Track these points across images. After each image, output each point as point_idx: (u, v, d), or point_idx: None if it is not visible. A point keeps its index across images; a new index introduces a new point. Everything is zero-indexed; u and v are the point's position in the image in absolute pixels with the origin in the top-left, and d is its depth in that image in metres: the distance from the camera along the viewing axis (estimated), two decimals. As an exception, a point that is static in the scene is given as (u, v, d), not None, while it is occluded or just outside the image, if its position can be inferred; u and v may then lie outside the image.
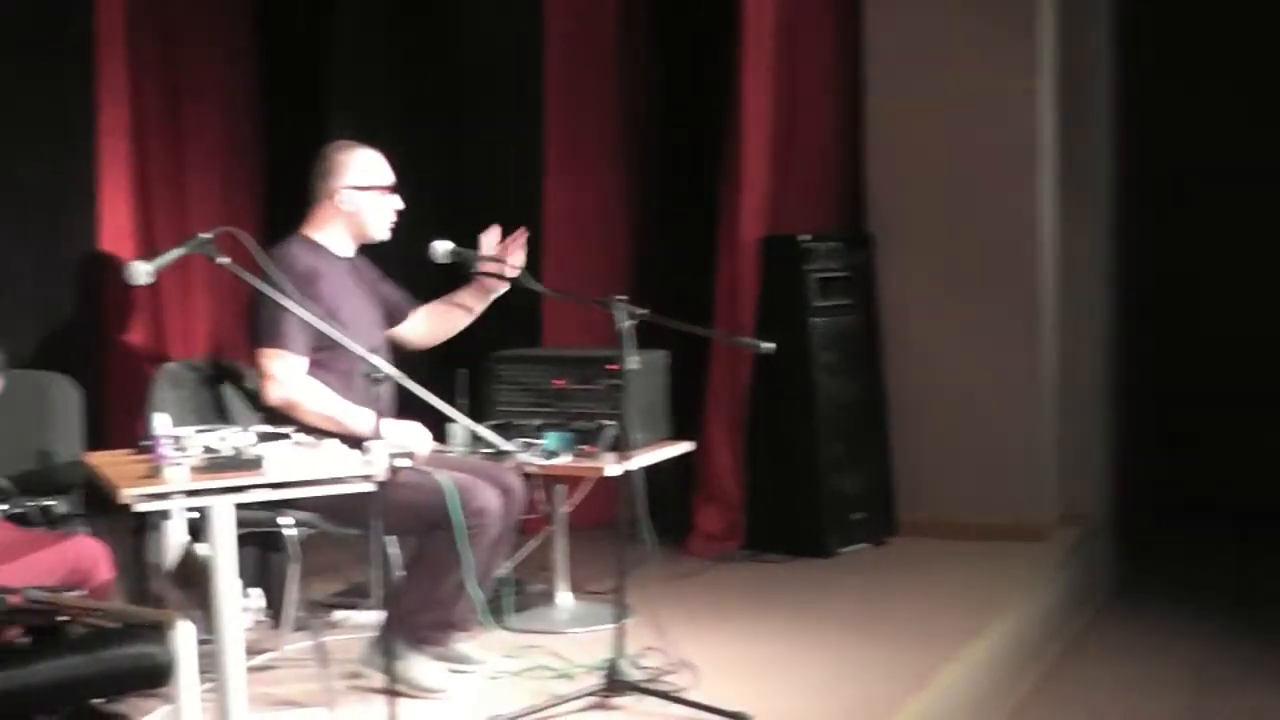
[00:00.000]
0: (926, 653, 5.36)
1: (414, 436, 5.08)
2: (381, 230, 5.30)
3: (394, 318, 5.51)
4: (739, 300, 6.89)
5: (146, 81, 7.97)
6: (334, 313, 5.02)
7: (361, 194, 5.23)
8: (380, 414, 4.24)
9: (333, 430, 4.86)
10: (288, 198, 8.21)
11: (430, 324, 5.56)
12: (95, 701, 3.62)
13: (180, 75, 8.07)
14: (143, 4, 7.88)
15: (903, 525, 7.24)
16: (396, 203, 5.30)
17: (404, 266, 5.64)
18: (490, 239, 5.45)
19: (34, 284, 7.66)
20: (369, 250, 5.42)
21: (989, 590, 6.24)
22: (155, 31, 7.96)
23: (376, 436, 4.17)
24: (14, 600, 3.53)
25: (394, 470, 4.20)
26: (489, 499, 4.92)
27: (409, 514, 4.80)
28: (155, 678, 3.45)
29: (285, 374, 4.99)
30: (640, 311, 4.85)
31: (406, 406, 5.01)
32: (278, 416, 4.98)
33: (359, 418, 4.96)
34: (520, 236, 5.45)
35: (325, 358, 5.05)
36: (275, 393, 5.00)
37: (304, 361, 5.01)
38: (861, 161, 7.31)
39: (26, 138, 7.58)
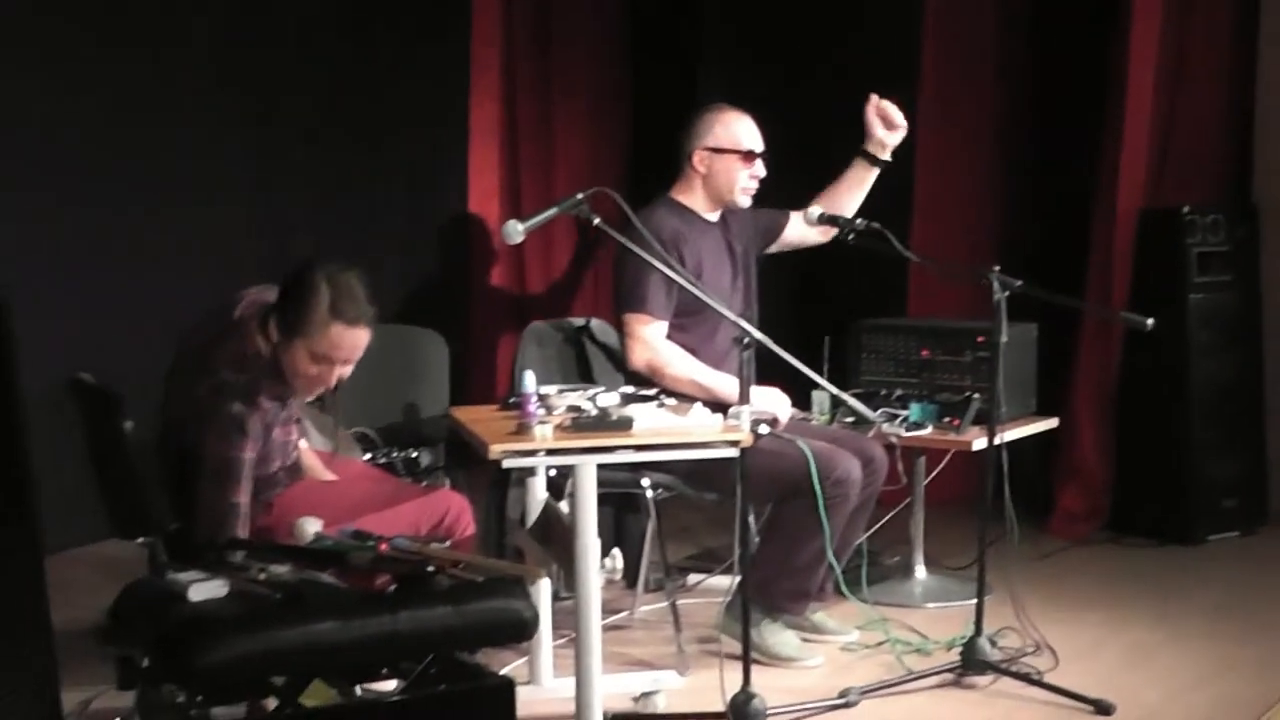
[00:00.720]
0: (1303, 654, 5.11)
1: (776, 402, 5.04)
2: (737, 195, 5.25)
3: (773, 234, 5.46)
4: (1113, 274, 6.64)
5: (517, 44, 8.15)
6: (697, 277, 5.02)
7: (717, 156, 5.20)
8: (744, 379, 4.19)
9: (695, 395, 4.86)
10: (653, 159, 8.34)
11: (823, 212, 5.33)
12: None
13: (550, 37, 8.22)
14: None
15: (1276, 515, 6.90)
16: (758, 169, 5.24)
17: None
18: (870, 108, 5.41)
19: (404, 242, 7.93)
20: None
21: (1371, 588, 5.90)
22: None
23: (741, 402, 4.13)
24: (382, 548, 3.60)
25: (756, 436, 4.16)
26: (851, 468, 4.85)
27: (769, 480, 4.76)
28: (518, 631, 3.48)
29: (649, 337, 5.00)
30: (1016, 283, 4.71)
31: (768, 372, 4.98)
32: (640, 379, 5.00)
33: (721, 383, 4.96)
34: (891, 107, 5.38)
35: (687, 322, 5.06)
36: (639, 356, 5.02)
37: (665, 325, 5.02)
38: (1251, 131, 6.97)
39: (404, 105, 7.85)
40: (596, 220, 4.32)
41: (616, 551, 4.05)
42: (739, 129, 5.24)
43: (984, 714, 4.54)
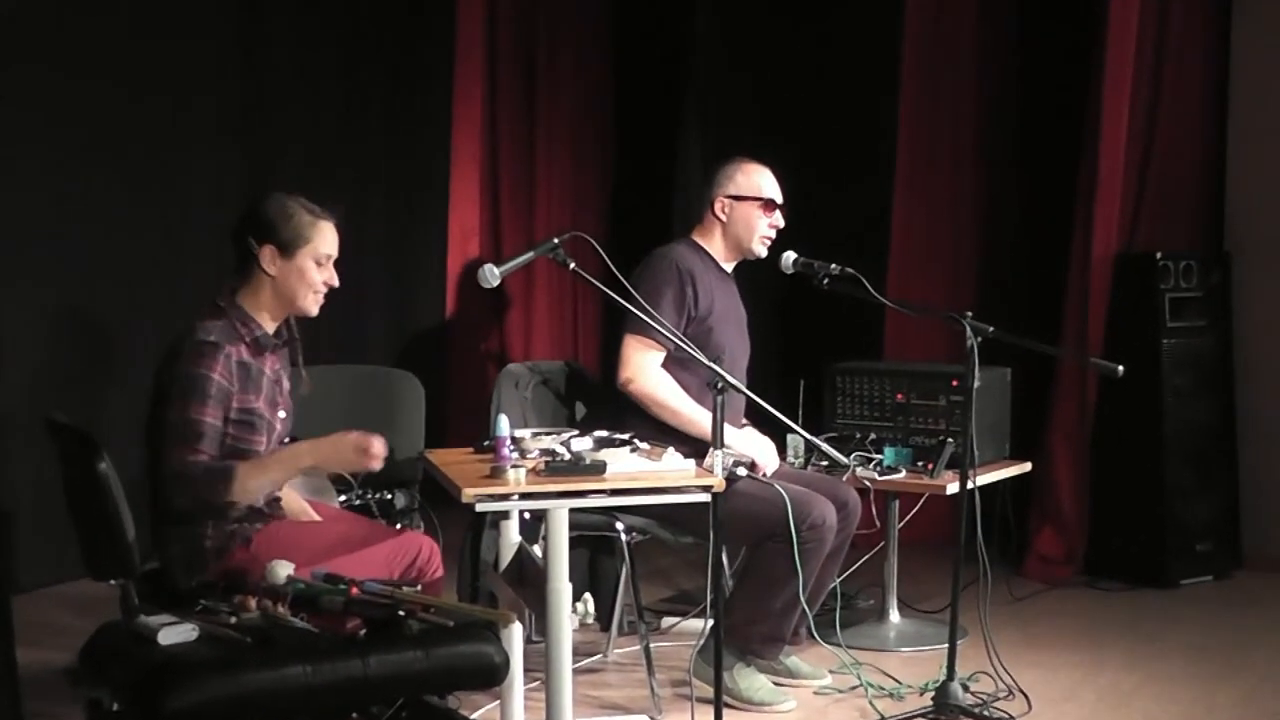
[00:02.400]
0: (1274, 696, 5.10)
1: (763, 449, 5.06)
2: (756, 244, 5.30)
3: None
4: (1088, 319, 6.67)
5: (501, 81, 8.19)
6: (705, 316, 5.10)
7: (738, 204, 5.24)
8: (726, 420, 4.20)
9: (678, 426, 4.92)
10: (636, 197, 8.39)
11: None
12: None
13: (534, 74, 8.26)
14: (502, 9, 8.11)
15: (1250, 559, 6.93)
16: (777, 219, 5.30)
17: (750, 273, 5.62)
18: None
19: (383, 282, 7.94)
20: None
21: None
22: (512, 36, 8.17)
23: (715, 445, 4.14)
24: (354, 592, 3.61)
25: (734, 479, 4.18)
26: (826, 513, 4.87)
27: (745, 523, 4.78)
28: (488, 676, 3.49)
29: (644, 363, 5.02)
30: (988, 329, 4.74)
31: (750, 416, 5.01)
32: (624, 405, 5.05)
33: (706, 421, 4.97)
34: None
35: (685, 357, 5.07)
36: (630, 379, 5.03)
37: (662, 355, 5.03)
38: (1223, 179, 7.02)
39: (386, 145, 7.88)
40: (572, 264, 4.33)
41: (588, 596, 4.06)
42: (760, 179, 5.30)
43: (956, 759, 4.55)
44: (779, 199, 5.29)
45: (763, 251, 5.31)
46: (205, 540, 3.98)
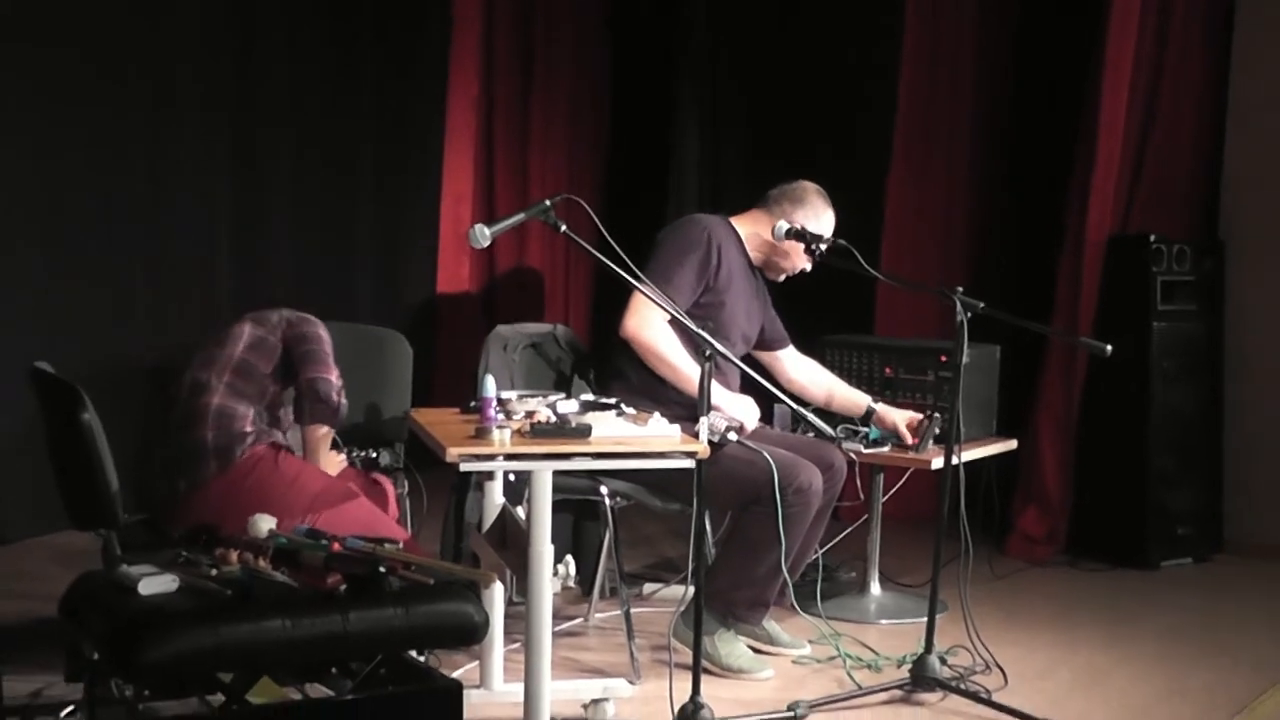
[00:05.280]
0: (1249, 679, 5.11)
1: (744, 409, 5.06)
2: (779, 276, 5.39)
3: (766, 343, 5.52)
4: (1080, 300, 6.68)
5: (497, 48, 8.18)
6: (725, 289, 5.13)
7: (796, 239, 5.22)
8: (703, 391, 4.19)
9: (673, 382, 4.95)
10: (630, 164, 8.39)
11: (808, 384, 5.56)
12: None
13: (531, 42, 8.25)
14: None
15: (1230, 543, 6.96)
16: (807, 266, 5.33)
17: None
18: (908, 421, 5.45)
19: (376, 244, 7.95)
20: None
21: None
22: (510, 6, 8.16)
23: (701, 413, 4.14)
24: (335, 547, 3.62)
25: (723, 443, 4.19)
26: (812, 478, 4.88)
27: (731, 488, 4.80)
28: (467, 635, 3.49)
29: (651, 315, 5.01)
30: (979, 305, 4.74)
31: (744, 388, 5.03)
32: (612, 371, 5.10)
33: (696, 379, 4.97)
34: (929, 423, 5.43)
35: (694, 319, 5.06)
36: (633, 327, 5.03)
37: (667, 313, 5.02)
38: (1219, 166, 7.03)
39: (381, 107, 7.87)
40: (563, 227, 4.33)
41: (569, 559, 4.07)
42: (829, 225, 5.32)
43: (931, 731, 4.57)
44: (824, 249, 5.26)
45: (779, 278, 5.37)
46: (244, 423, 4.30)
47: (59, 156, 6.39)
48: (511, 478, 4.57)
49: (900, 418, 5.46)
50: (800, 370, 5.57)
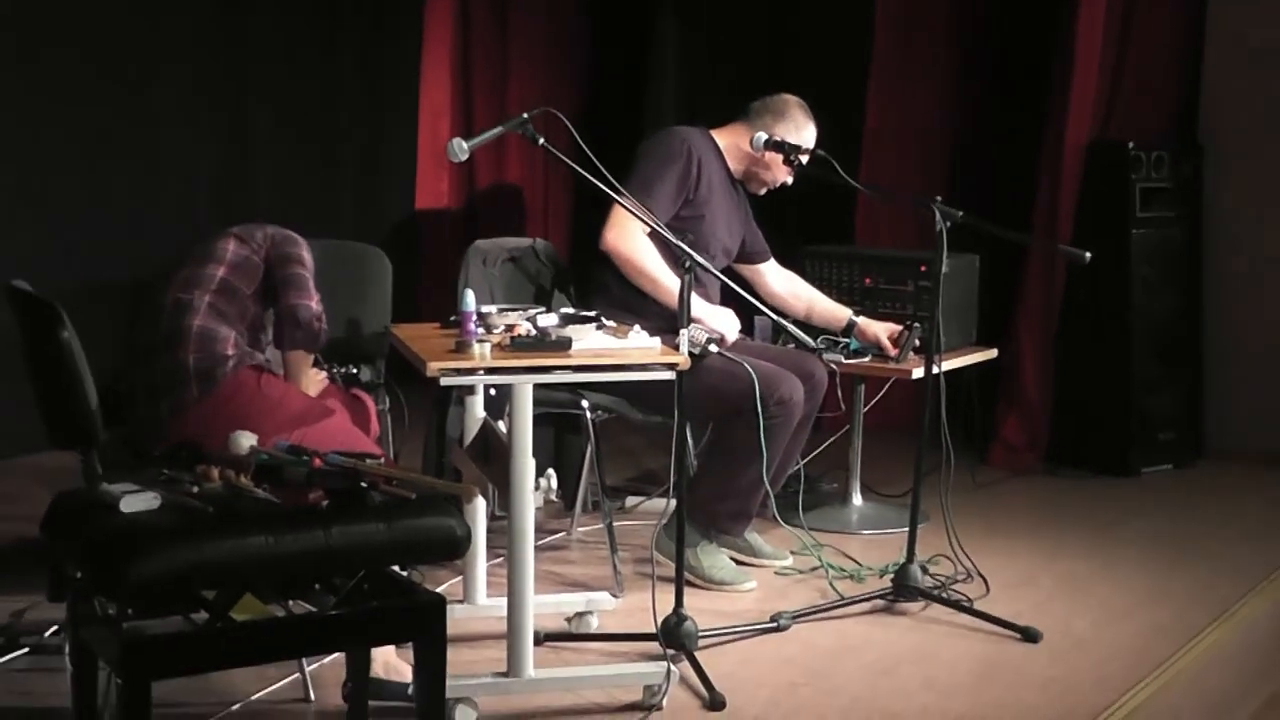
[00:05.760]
0: (1229, 583, 5.16)
1: (725, 321, 5.06)
2: (760, 190, 5.36)
3: (747, 256, 5.51)
4: (1059, 207, 6.67)
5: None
6: (704, 202, 5.12)
7: (775, 150, 5.18)
8: (683, 303, 4.18)
9: (652, 294, 4.96)
10: (610, 81, 8.33)
11: (789, 297, 5.57)
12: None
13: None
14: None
15: (1210, 450, 7.00)
16: (788, 179, 5.31)
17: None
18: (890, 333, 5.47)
19: (355, 161, 7.90)
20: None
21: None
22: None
23: (681, 325, 4.14)
24: (316, 463, 3.60)
25: (705, 354, 4.19)
26: (794, 389, 4.88)
27: (712, 400, 4.80)
28: (450, 549, 3.48)
29: (631, 227, 4.99)
30: (958, 214, 4.74)
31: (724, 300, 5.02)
32: (593, 286, 5.12)
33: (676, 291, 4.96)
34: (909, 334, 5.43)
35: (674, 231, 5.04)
36: (615, 240, 5.02)
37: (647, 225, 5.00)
38: (1198, 70, 7.00)
39: (357, 22, 7.80)
40: (541, 140, 4.29)
41: (551, 472, 4.06)
42: (810, 137, 5.30)
43: (913, 640, 4.59)
44: (804, 160, 5.23)
45: (759, 191, 5.34)
46: (227, 344, 4.25)
47: (37, 65, 6.33)
48: (492, 392, 4.56)
49: (882, 330, 5.46)
50: (781, 283, 5.56)
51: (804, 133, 5.28)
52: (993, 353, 5.95)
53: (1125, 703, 4.13)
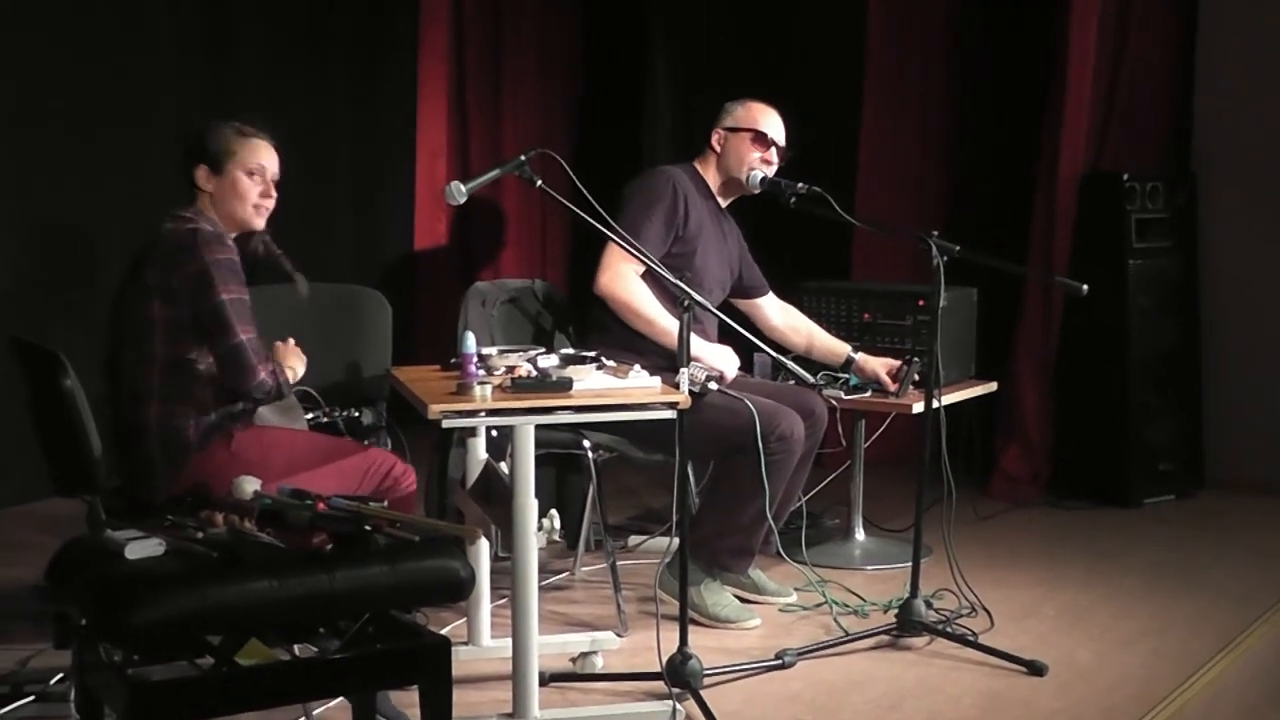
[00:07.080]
0: (1233, 613, 5.17)
1: (724, 359, 5.07)
2: (744, 174, 5.30)
3: (745, 290, 5.54)
4: (1054, 239, 6.69)
5: (467, 8, 8.12)
6: (694, 238, 5.14)
7: (732, 135, 5.25)
8: (683, 342, 4.20)
9: (649, 335, 4.99)
10: (603, 120, 8.35)
11: (788, 330, 5.60)
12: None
13: (503, 3, 8.19)
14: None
15: (1211, 479, 7.00)
16: (770, 155, 5.32)
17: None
18: (888, 367, 5.49)
19: (351, 202, 7.92)
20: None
21: (1304, 551, 5.98)
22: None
23: (681, 364, 4.15)
24: (320, 507, 3.61)
25: (704, 392, 4.20)
26: (794, 425, 4.89)
27: (713, 437, 4.81)
28: (454, 591, 3.49)
29: (624, 269, 5.02)
30: (954, 248, 4.76)
31: (723, 337, 5.03)
32: (592, 324, 5.13)
33: (674, 331, 4.98)
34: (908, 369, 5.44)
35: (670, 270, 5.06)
36: (607, 282, 5.05)
37: (641, 266, 5.02)
38: (1190, 100, 7.03)
39: (352, 63, 7.82)
40: (539, 181, 4.31)
41: (554, 512, 4.07)
42: (758, 114, 5.33)
43: (918, 675, 4.59)
44: (776, 138, 5.30)
45: (755, 187, 5.32)
46: (188, 434, 4.05)
47: (26, 130, 6.36)
48: (494, 433, 4.57)
49: (880, 366, 5.48)
50: (780, 317, 5.58)
51: (752, 112, 5.33)
52: (992, 386, 5.95)
53: (1132, 734, 4.14)
